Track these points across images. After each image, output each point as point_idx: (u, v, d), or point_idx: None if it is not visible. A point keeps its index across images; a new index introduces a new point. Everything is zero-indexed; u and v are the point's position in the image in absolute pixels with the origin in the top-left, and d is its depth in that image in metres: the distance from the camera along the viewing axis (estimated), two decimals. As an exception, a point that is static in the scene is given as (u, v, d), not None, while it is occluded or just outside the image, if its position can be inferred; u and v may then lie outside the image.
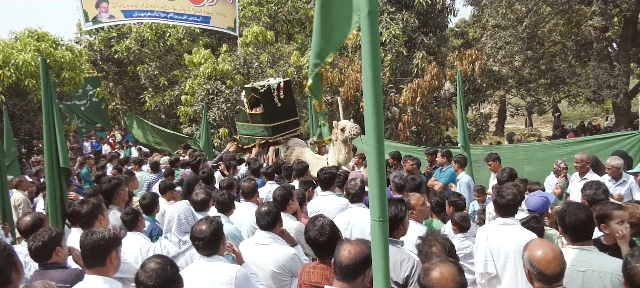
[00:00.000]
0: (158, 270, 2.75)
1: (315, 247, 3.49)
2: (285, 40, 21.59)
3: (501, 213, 4.03)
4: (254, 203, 5.53)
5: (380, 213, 2.36)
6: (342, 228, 4.43)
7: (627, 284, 2.68)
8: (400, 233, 3.62)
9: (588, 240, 3.25)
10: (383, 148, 2.36)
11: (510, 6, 19.39)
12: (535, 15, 19.73)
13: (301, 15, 21.43)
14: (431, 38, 16.74)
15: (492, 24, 20.09)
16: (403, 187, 5.55)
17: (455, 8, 17.58)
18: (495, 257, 3.86)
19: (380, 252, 2.38)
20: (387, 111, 16.21)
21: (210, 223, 3.54)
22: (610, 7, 18.81)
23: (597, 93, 18.82)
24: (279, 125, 10.31)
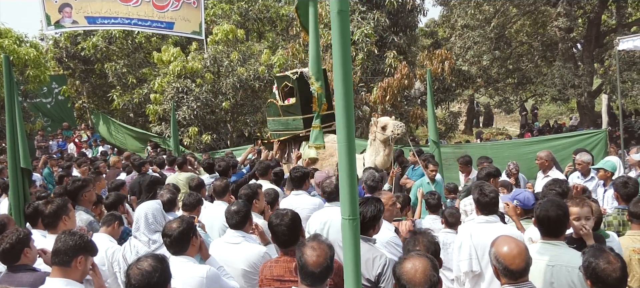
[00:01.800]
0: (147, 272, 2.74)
1: (276, 236, 3.52)
2: (256, 38, 21.46)
3: (483, 211, 4.08)
4: (226, 202, 5.48)
5: (350, 211, 2.37)
6: (319, 228, 4.42)
7: (591, 285, 2.71)
8: (375, 231, 3.66)
9: (559, 236, 3.31)
10: (353, 147, 2.37)
11: (479, 7, 19.68)
12: (502, 16, 20.08)
13: (272, 13, 21.35)
14: (401, 37, 16.86)
15: (460, 24, 20.37)
16: (375, 188, 5.57)
17: (425, 8, 17.77)
18: (479, 255, 3.90)
19: (351, 251, 2.39)
20: (358, 110, 16.26)
21: (181, 222, 3.53)
22: (574, 8, 19.25)
23: (562, 92, 19.26)
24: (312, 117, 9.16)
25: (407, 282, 2.43)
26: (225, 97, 16.60)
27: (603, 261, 2.63)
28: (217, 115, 17.11)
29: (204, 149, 15.53)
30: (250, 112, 17.93)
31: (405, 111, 16.30)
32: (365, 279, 3.40)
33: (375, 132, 7.92)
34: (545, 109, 30.65)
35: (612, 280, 2.60)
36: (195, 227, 3.62)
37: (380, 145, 7.86)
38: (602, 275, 2.62)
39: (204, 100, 16.22)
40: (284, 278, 3.33)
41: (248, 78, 16.40)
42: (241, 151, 12.52)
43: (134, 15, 16.83)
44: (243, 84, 16.45)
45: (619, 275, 2.60)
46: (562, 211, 3.29)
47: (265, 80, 16.71)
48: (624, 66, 17.24)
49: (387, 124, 7.76)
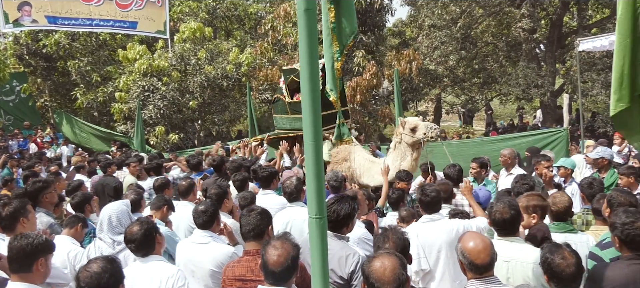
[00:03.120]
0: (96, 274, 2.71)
1: (242, 227, 3.52)
2: (224, 36, 21.28)
3: (426, 210, 4.18)
4: (191, 202, 5.42)
5: (317, 210, 2.35)
6: (281, 228, 4.41)
7: (550, 282, 2.79)
8: (349, 229, 3.67)
9: (514, 232, 3.41)
10: (320, 145, 2.35)
11: (445, 7, 19.93)
12: (468, 17, 20.38)
13: (240, 11, 21.22)
14: (370, 37, 16.96)
15: (428, 24, 20.59)
16: (338, 188, 5.59)
17: (393, 8, 17.96)
18: (427, 253, 3.97)
19: (319, 250, 2.37)
20: (327, 109, 16.27)
21: (141, 225, 3.49)
22: (537, 10, 19.70)
23: (526, 92, 19.67)
24: (325, 115, 7.67)
25: (375, 280, 2.45)
26: (193, 96, 16.41)
27: (559, 257, 2.72)
28: (184, 114, 16.90)
29: (171, 149, 15.32)
30: (218, 111, 17.76)
31: (373, 110, 16.42)
32: (338, 277, 3.41)
33: (401, 134, 7.12)
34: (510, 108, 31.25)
35: (566, 275, 2.69)
36: (156, 226, 3.59)
37: (407, 149, 7.05)
38: (557, 270, 2.71)
39: (171, 98, 15.99)
40: (246, 278, 3.32)
41: (216, 77, 16.25)
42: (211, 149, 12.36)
43: (96, 15, 16.50)
44: (211, 82, 16.29)
45: (573, 271, 2.69)
46: (514, 210, 3.40)
47: (234, 79, 16.58)
48: (584, 66, 17.71)
49: (418, 125, 6.97)
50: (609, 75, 6.81)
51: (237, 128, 22.95)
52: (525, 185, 4.84)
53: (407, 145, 7.02)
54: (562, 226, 3.86)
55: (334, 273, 3.40)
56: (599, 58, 17.89)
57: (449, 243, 3.96)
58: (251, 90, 14.78)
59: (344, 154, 7.80)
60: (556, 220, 3.90)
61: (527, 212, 3.75)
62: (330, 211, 3.47)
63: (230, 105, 18.34)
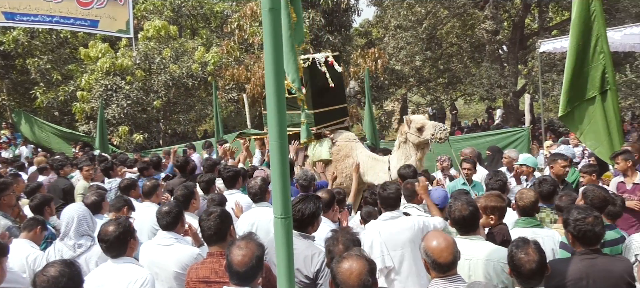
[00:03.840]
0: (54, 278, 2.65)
1: (203, 232, 3.48)
2: (190, 35, 21.03)
3: (386, 207, 4.20)
4: (154, 203, 5.33)
5: (283, 210, 2.35)
6: (247, 229, 4.38)
7: (512, 274, 2.87)
8: (314, 228, 3.68)
9: (474, 230, 3.48)
10: (286, 145, 2.36)
11: (411, 8, 20.14)
12: (433, 18, 20.64)
13: (206, 10, 20.99)
14: (336, 37, 17.03)
15: (394, 24, 20.76)
16: (308, 187, 5.59)
17: (359, 8, 18.07)
18: (390, 250, 3.99)
19: (284, 250, 2.37)
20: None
21: (118, 225, 3.40)
22: (500, 12, 20.09)
23: (490, 92, 20.07)
24: (325, 112, 7.93)
25: (341, 281, 2.47)
26: (157, 95, 16.18)
27: (522, 252, 2.79)
28: (148, 114, 16.64)
29: (135, 149, 15.06)
30: (184, 111, 17.56)
31: (340, 110, 16.43)
32: (304, 276, 3.41)
33: (406, 133, 6.80)
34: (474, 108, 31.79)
35: (526, 270, 2.75)
36: (132, 230, 3.51)
37: (412, 149, 6.75)
38: (518, 264, 2.78)
39: (135, 98, 15.74)
40: (210, 280, 3.29)
41: (181, 76, 16.06)
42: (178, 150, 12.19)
43: (56, 12, 16.04)
44: (176, 81, 16.09)
45: (534, 267, 2.75)
46: (473, 207, 3.47)
47: (199, 78, 16.41)
48: (545, 67, 18.16)
49: (425, 124, 6.64)
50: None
51: (203, 128, 22.73)
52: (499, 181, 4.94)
53: (413, 145, 6.74)
54: (529, 221, 3.94)
55: (300, 273, 3.39)
56: (559, 59, 18.35)
57: (411, 239, 3.99)
58: (217, 89, 14.65)
59: (346, 151, 7.59)
60: (523, 215, 3.98)
61: (486, 213, 3.82)
62: (295, 210, 3.48)
63: (196, 104, 18.16)
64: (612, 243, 3.74)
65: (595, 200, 3.84)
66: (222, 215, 3.49)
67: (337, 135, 7.84)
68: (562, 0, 18.96)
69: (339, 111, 8.17)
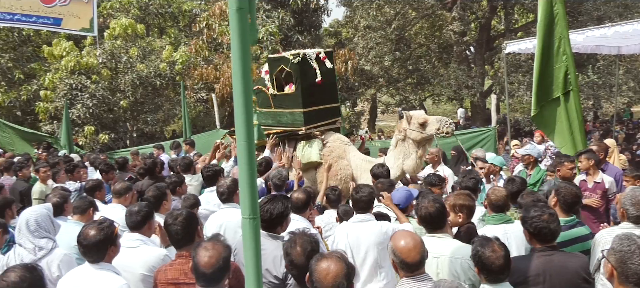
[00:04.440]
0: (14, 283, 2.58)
1: (170, 236, 3.44)
2: (157, 34, 20.74)
3: (358, 210, 4.20)
4: (122, 204, 5.23)
5: (251, 211, 2.34)
6: (215, 230, 4.33)
7: (479, 273, 2.90)
8: (283, 228, 3.66)
9: (441, 227, 3.51)
10: (253, 146, 2.35)
11: (380, 9, 20.30)
12: (402, 19, 20.85)
13: (174, 8, 20.73)
14: (306, 37, 17.06)
15: (363, 25, 20.90)
16: (281, 186, 5.57)
17: (329, 8, 18.14)
18: (355, 253, 4.01)
19: (252, 251, 2.36)
20: (263, 108, 16.22)
21: (100, 230, 3.23)
22: (467, 13, 20.43)
23: (457, 92, 20.39)
24: (315, 111, 7.43)
25: (316, 280, 2.50)
26: (124, 95, 15.92)
27: (488, 249, 2.83)
28: (115, 114, 16.36)
29: (101, 149, 14.78)
30: (151, 111, 17.31)
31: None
32: (273, 276, 3.40)
33: (405, 130, 6.50)
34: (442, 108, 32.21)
35: (495, 267, 2.80)
36: (115, 236, 3.34)
37: (412, 146, 6.44)
38: (486, 262, 2.82)
39: (101, 97, 15.46)
40: (179, 281, 3.25)
41: (149, 75, 15.84)
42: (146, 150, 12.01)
43: (18, 9, 15.55)
44: (143, 81, 15.87)
45: (502, 263, 2.80)
46: (439, 204, 3.52)
47: (167, 78, 16.20)
48: (511, 68, 18.54)
49: (428, 119, 6.38)
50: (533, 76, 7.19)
51: (172, 128, 22.47)
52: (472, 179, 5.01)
53: (414, 142, 6.44)
54: (500, 217, 4.00)
55: (269, 273, 3.38)
56: (525, 60, 18.79)
57: (377, 244, 3.99)
58: (185, 89, 14.50)
59: (339, 152, 7.18)
60: (494, 211, 4.03)
61: (454, 211, 3.87)
62: (263, 211, 3.46)
63: (164, 104, 17.94)
64: (583, 240, 3.82)
65: (568, 196, 3.92)
66: (188, 217, 3.44)
67: (328, 137, 7.43)
68: (527, 3, 19.39)
69: (330, 111, 7.71)
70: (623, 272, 2.44)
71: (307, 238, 3.09)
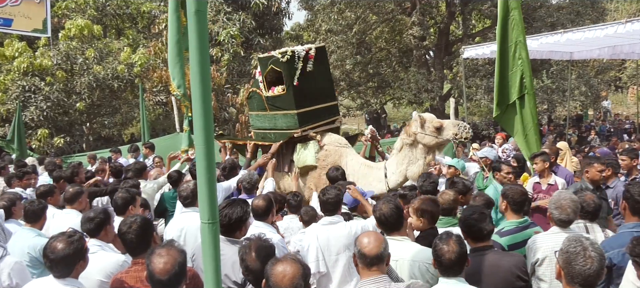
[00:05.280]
0: None
1: (124, 243, 3.36)
2: (115, 35, 20.32)
3: (326, 212, 4.20)
4: (77, 210, 5.08)
5: (210, 215, 2.31)
6: (175, 235, 4.27)
7: (435, 265, 2.98)
8: (243, 233, 3.63)
9: (398, 229, 3.54)
10: (213, 149, 2.32)
11: (341, 13, 20.43)
12: (363, 23, 21.04)
13: (132, 10, 20.36)
14: (267, 40, 17.01)
15: (324, 28, 20.99)
16: (251, 190, 5.52)
17: (290, 11, 18.14)
18: (326, 256, 4.00)
19: (211, 256, 2.34)
20: (224, 112, 16.10)
21: (69, 244, 3.05)
22: (427, 18, 20.78)
23: (417, 96, 20.66)
24: (309, 112, 6.95)
25: (273, 283, 2.49)
26: (80, 97, 15.51)
27: (444, 243, 2.90)
28: (70, 116, 15.93)
29: (55, 153, 14.35)
30: (109, 113, 16.93)
31: (271, 113, 16.44)
32: (232, 282, 3.37)
33: (415, 134, 5.96)
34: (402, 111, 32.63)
35: (445, 260, 2.86)
36: (84, 251, 3.18)
37: (421, 152, 5.95)
38: (439, 255, 2.89)
39: (56, 100, 15.03)
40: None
41: (106, 77, 15.49)
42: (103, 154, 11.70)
43: (-34, 9, 15.05)
44: (100, 83, 15.51)
45: (453, 257, 2.86)
46: (395, 206, 3.54)
47: (125, 80, 15.88)
48: (469, 73, 18.93)
49: (443, 123, 5.88)
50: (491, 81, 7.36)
51: (130, 131, 22.03)
52: (432, 183, 5.02)
53: (424, 148, 5.93)
54: (447, 220, 4.07)
55: (228, 279, 3.35)
56: (482, 65, 19.24)
57: (347, 246, 3.99)
58: (144, 91, 14.24)
59: (335, 158, 6.69)
60: (443, 214, 4.10)
61: (417, 214, 3.90)
62: (222, 215, 3.42)
63: (122, 107, 17.58)
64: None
65: (516, 196, 4.02)
66: (143, 224, 3.36)
67: (325, 138, 6.93)
68: (484, 9, 19.86)
69: (327, 110, 7.22)
70: (569, 272, 2.54)
71: (262, 243, 3.08)
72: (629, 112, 23.99)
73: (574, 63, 17.33)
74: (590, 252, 2.52)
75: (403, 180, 6.09)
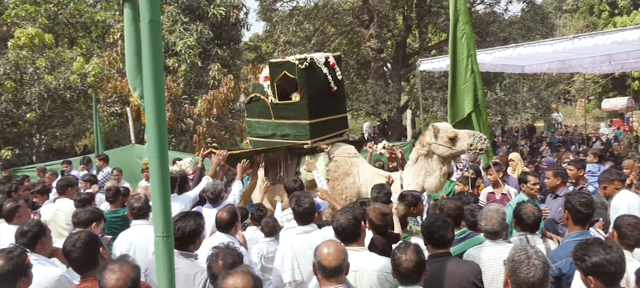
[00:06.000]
0: None
1: (70, 262, 3.25)
2: (67, 44, 19.74)
3: (300, 221, 4.22)
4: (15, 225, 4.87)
5: (164, 228, 2.28)
6: (125, 249, 4.16)
7: (394, 273, 3.04)
8: (196, 246, 3.61)
9: (356, 240, 3.58)
10: (167, 161, 2.29)
11: (300, 25, 20.53)
12: (322, 35, 21.20)
13: (86, 18, 19.83)
14: (225, 50, 16.92)
15: (283, 40, 21.03)
16: (216, 200, 5.45)
17: (249, 22, 18.10)
18: (301, 264, 4.01)
19: (165, 270, 2.31)
20: (182, 123, 15.88)
21: (8, 260, 2.94)
22: (384, 31, 21.10)
23: (375, 107, 20.90)
24: (323, 122, 6.80)
25: None
26: (30, 108, 14.98)
27: (402, 253, 2.97)
28: (20, 128, 15.37)
29: (3, 166, 13.80)
30: (61, 125, 16.43)
31: (230, 124, 16.33)
32: (186, 295, 3.31)
33: (430, 145, 5.82)
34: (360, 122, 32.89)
35: (403, 269, 2.94)
36: (25, 267, 3.05)
37: (436, 163, 5.79)
38: (397, 264, 2.97)
39: (4, 110, 14.47)
40: None
41: (57, 87, 15.02)
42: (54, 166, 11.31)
43: None
44: (52, 93, 15.02)
45: (410, 266, 2.92)
46: (352, 216, 3.58)
47: (78, 90, 15.45)
48: (425, 85, 19.30)
49: (458, 133, 5.72)
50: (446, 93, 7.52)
51: (83, 143, 21.44)
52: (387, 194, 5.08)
53: (439, 158, 5.78)
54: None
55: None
56: (438, 77, 19.65)
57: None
58: (98, 102, 13.89)
59: (346, 168, 6.51)
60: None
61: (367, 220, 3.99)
62: (174, 229, 3.35)
63: (75, 118, 17.09)
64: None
65: (450, 211, 4.16)
66: (88, 241, 3.23)
67: (335, 150, 6.74)
68: (440, 22, 20.31)
69: (338, 121, 7.12)
70: (515, 280, 2.64)
71: (229, 251, 3.08)
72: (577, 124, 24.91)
73: (525, 76, 17.92)
74: (534, 260, 2.62)
75: (420, 192, 5.83)
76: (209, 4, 16.91)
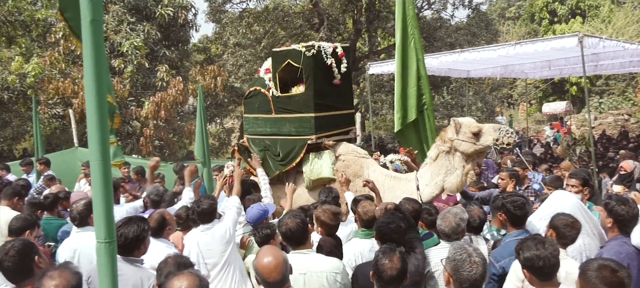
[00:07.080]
0: None
1: (3, 272, 3.09)
2: (5, 43, 18.89)
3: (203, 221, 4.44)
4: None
5: (106, 234, 2.21)
6: (69, 257, 4.02)
7: (374, 277, 2.99)
8: (142, 252, 3.53)
9: (304, 243, 3.60)
10: (109, 164, 2.23)
11: (250, 27, 20.39)
12: (272, 37, 21.11)
13: (25, 17, 19.04)
14: (174, 52, 16.62)
15: (233, 42, 20.83)
16: (159, 202, 5.32)
17: (198, 24, 17.86)
18: (206, 258, 4.27)
19: (107, 277, 2.23)
20: (128, 125, 15.48)
21: None
22: (334, 34, 21.23)
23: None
24: (328, 117, 6.40)
25: None
26: (-36, 109, 14.28)
27: (386, 259, 2.94)
28: (-47, 130, 14.60)
29: None
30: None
31: (179, 127, 16.05)
32: (134, 302, 3.24)
33: (452, 141, 5.37)
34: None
35: (386, 276, 2.91)
36: None
37: (459, 160, 5.34)
38: (381, 270, 2.93)
39: None
40: None
41: (-6, 88, 14.37)
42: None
43: None
44: (-12, 95, 14.36)
45: (394, 273, 2.91)
46: (300, 220, 3.62)
47: (17, 91, 14.81)
48: (374, 88, 19.56)
49: (482, 128, 5.27)
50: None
51: (22, 146, 20.55)
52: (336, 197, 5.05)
53: (462, 155, 5.33)
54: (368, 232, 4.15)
55: (129, 299, 3.21)
56: (387, 81, 19.94)
57: (224, 244, 4.27)
58: (39, 104, 13.36)
59: (355, 169, 6.02)
60: (364, 226, 4.17)
61: (318, 222, 4.01)
62: (117, 235, 3.26)
63: (13, 120, 16.38)
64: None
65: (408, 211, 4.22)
66: (22, 249, 3.08)
67: (342, 148, 6.28)
68: (389, 27, 20.63)
69: (344, 118, 6.75)
70: (457, 279, 2.71)
71: (179, 257, 3.11)
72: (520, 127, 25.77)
73: (471, 80, 18.46)
74: (474, 257, 2.71)
75: (439, 192, 5.55)
76: (157, 4, 16.56)
